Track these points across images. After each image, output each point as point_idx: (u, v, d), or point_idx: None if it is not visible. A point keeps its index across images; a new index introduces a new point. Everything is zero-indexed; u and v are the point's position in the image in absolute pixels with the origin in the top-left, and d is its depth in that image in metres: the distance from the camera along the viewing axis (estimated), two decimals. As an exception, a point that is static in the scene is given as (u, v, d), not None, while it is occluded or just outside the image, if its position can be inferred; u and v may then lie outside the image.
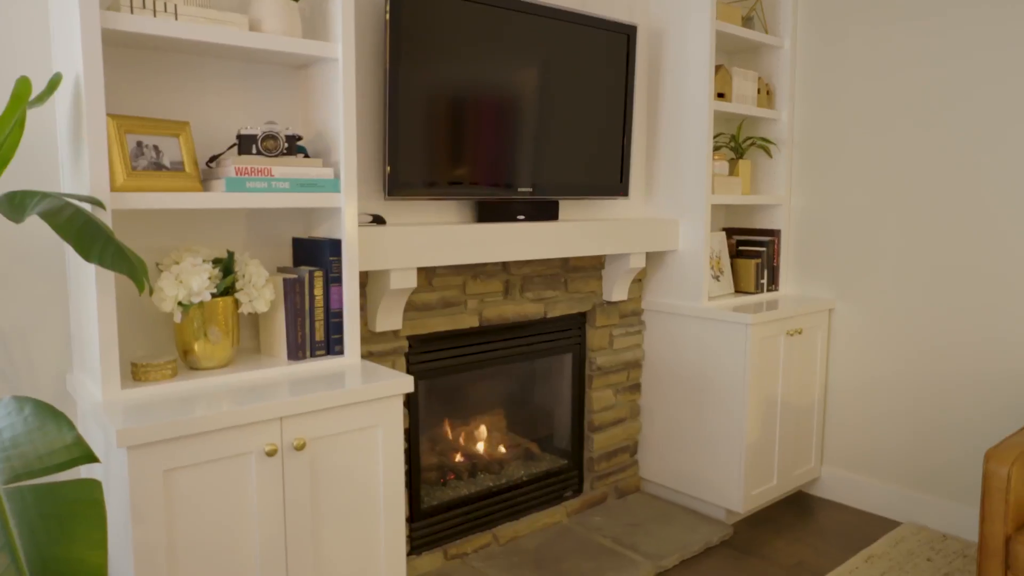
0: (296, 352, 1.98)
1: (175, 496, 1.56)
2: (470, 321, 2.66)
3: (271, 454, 1.67)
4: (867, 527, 3.07)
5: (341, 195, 2.00)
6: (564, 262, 2.93)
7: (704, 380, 3.03)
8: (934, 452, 3.03)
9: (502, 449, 3.03)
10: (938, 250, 2.96)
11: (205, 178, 1.94)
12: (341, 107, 1.98)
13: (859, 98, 3.14)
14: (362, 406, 1.83)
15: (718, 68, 3.10)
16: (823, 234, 3.30)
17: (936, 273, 2.97)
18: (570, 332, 3.03)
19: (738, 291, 3.33)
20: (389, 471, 1.90)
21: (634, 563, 2.70)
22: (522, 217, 2.68)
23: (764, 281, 3.31)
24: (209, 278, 1.80)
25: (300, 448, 1.71)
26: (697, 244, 3.02)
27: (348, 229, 2.01)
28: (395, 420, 1.90)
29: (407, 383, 1.89)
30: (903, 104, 3.02)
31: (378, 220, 2.36)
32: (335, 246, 2.02)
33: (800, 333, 3.12)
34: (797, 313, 3.07)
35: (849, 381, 3.26)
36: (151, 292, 1.50)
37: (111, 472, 1.60)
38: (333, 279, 2.03)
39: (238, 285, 1.89)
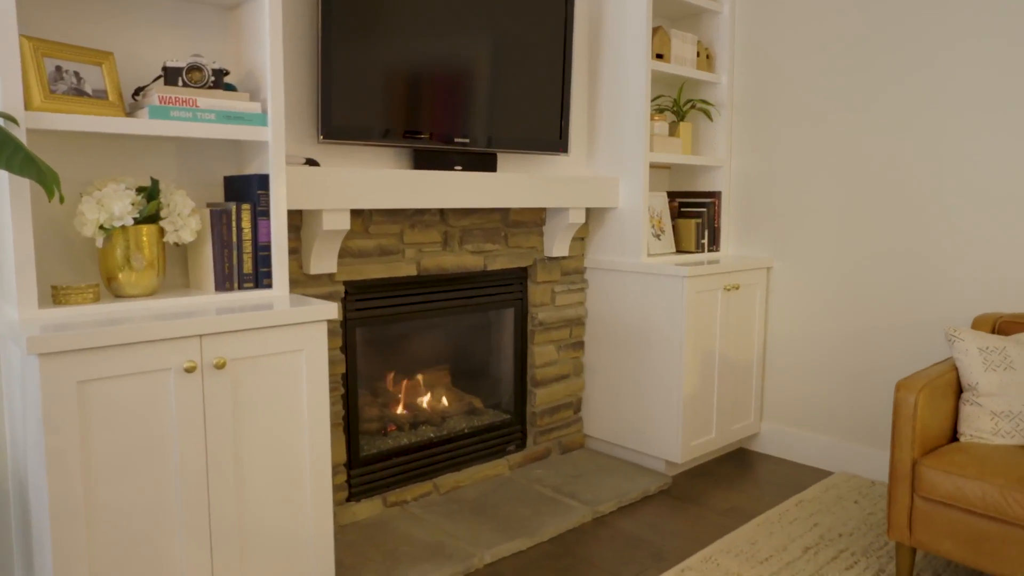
0: (224, 283, 2.01)
1: (90, 408, 1.58)
2: (408, 270, 2.70)
3: (190, 371, 1.69)
4: (802, 477, 3.16)
5: (268, 129, 2.02)
6: (504, 216, 2.97)
7: (644, 335, 3.10)
8: (865, 403, 3.13)
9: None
10: (867, 211, 3.05)
11: (130, 111, 1.96)
12: (268, 43, 2.01)
13: (797, 63, 3.23)
14: (285, 330, 1.86)
15: (657, 30, 3.17)
16: (762, 196, 3.38)
17: (866, 233, 3.06)
18: (512, 287, 3.08)
19: (679, 250, 3.40)
20: (314, 397, 1.93)
21: (572, 508, 2.76)
22: (459, 167, 2.72)
23: (705, 241, 3.38)
24: (132, 203, 1.82)
25: (220, 367, 1.73)
26: (636, 201, 3.09)
27: (275, 163, 2.03)
28: (319, 346, 1.93)
29: (330, 309, 1.93)
30: (839, 70, 3.10)
31: (312, 163, 2.38)
32: (263, 180, 2.05)
33: (737, 289, 3.19)
34: (734, 269, 3.15)
35: (787, 338, 3.35)
36: (61, 200, 1.51)
37: (27, 385, 1.61)
38: (261, 213, 2.06)
39: (163, 214, 1.91)
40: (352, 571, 2.29)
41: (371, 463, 2.70)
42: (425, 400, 3.02)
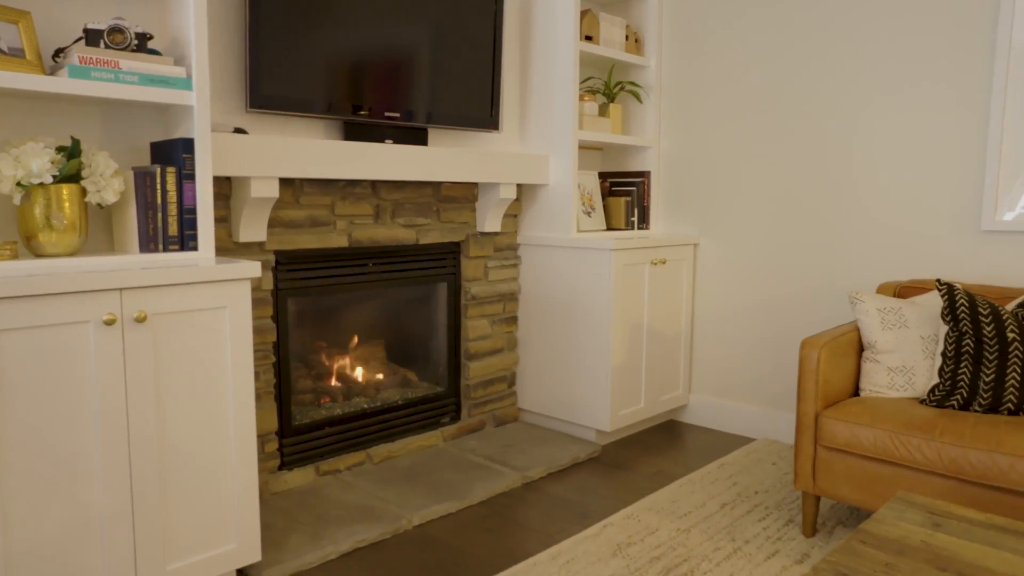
0: (148, 244, 2.02)
1: (4, 358, 1.59)
2: (339, 241, 2.74)
3: (109, 323, 1.71)
4: (727, 444, 3.29)
5: (193, 93, 2.05)
6: (436, 191, 3.04)
7: (575, 309, 3.19)
8: (785, 372, 3.28)
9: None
10: (786, 190, 3.20)
11: (50, 72, 1.96)
12: (192, 8, 2.03)
13: (721, 48, 3.36)
14: (208, 287, 1.89)
15: (586, 12, 3.27)
16: (689, 175, 3.51)
17: (785, 210, 3.21)
18: (444, 261, 3.14)
19: (610, 228, 3.50)
20: (238, 355, 1.96)
21: (502, 474, 2.83)
22: (390, 141, 2.77)
23: (635, 219, 3.49)
24: (51, 161, 1.82)
25: (141, 320, 1.76)
26: (566, 178, 3.18)
27: (200, 127, 2.06)
28: (243, 304, 1.96)
29: (253, 268, 1.96)
30: (761, 56, 3.25)
31: (240, 132, 2.41)
32: (188, 144, 2.07)
33: (664, 263, 3.31)
34: (660, 244, 3.27)
35: (713, 311, 3.49)
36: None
37: (-60, 337, 1.61)
38: (186, 176, 2.08)
39: (85, 174, 1.92)
40: (281, 534, 2.32)
41: (304, 432, 2.74)
42: (359, 372, 3.06)
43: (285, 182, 2.57)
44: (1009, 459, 1.89)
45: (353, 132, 2.68)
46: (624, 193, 3.52)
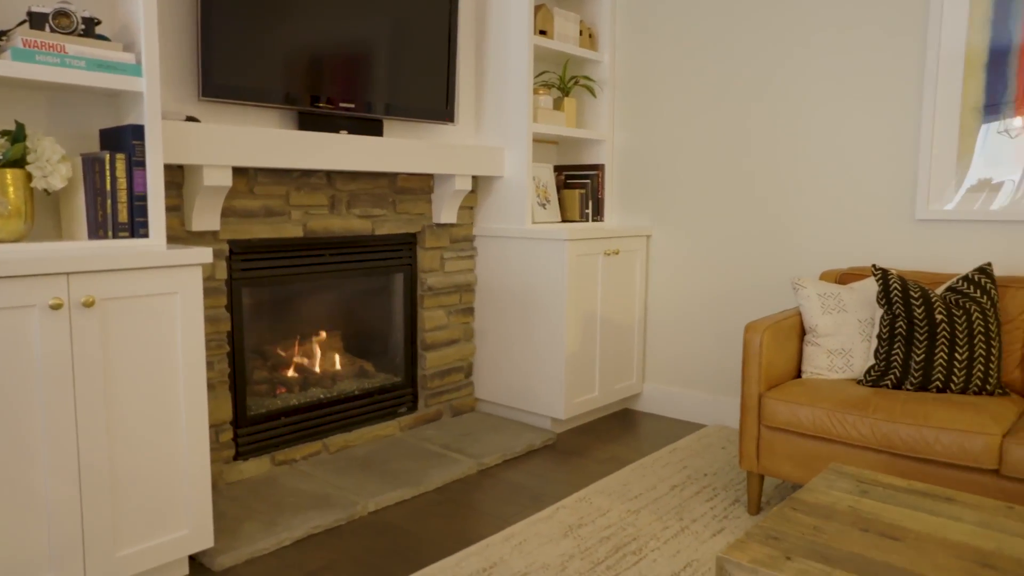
0: (97, 231, 2.01)
1: (-51, 342, 1.58)
2: (294, 231, 2.75)
3: (56, 308, 1.71)
4: (680, 431, 3.37)
5: (143, 80, 2.04)
6: (392, 182, 3.06)
7: (530, 299, 3.24)
8: (735, 359, 3.37)
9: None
10: (736, 183, 3.29)
11: (-4, 55, 1.94)
12: (141, -6, 2.03)
13: (673, 44, 3.44)
14: (157, 272, 1.89)
15: (540, 7, 3.32)
16: (642, 168, 3.59)
17: (734, 203, 3.30)
18: (400, 252, 3.16)
19: (565, 220, 3.56)
20: (189, 341, 1.97)
21: (458, 462, 2.87)
22: (344, 132, 2.78)
23: (589, 211, 3.56)
24: (-5, 146, 1.81)
25: (89, 305, 1.75)
26: (521, 171, 3.23)
27: (150, 113, 2.05)
28: (194, 290, 1.97)
29: (205, 254, 1.97)
30: (711, 52, 3.34)
31: (192, 121, 2.40)
32: (138, 131, 2.06)
33: (617, 254, 3.38)
34: (612, 235, 3.34)
35: (666, 301, 3.57)
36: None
37: None
38: (137, 163, 2.07)
39: (30, 159, 1.90)
40: (235, 522, 2.33)
41: (259, 422, 2.74)
42: (316, 362, 3.07)
43: (239, 171, 2.57)
44: (935, 432, 1.99)
45: (307, 122, 2.69)
46: (579, 186, 3.58)
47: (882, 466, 2.08)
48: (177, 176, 2.42)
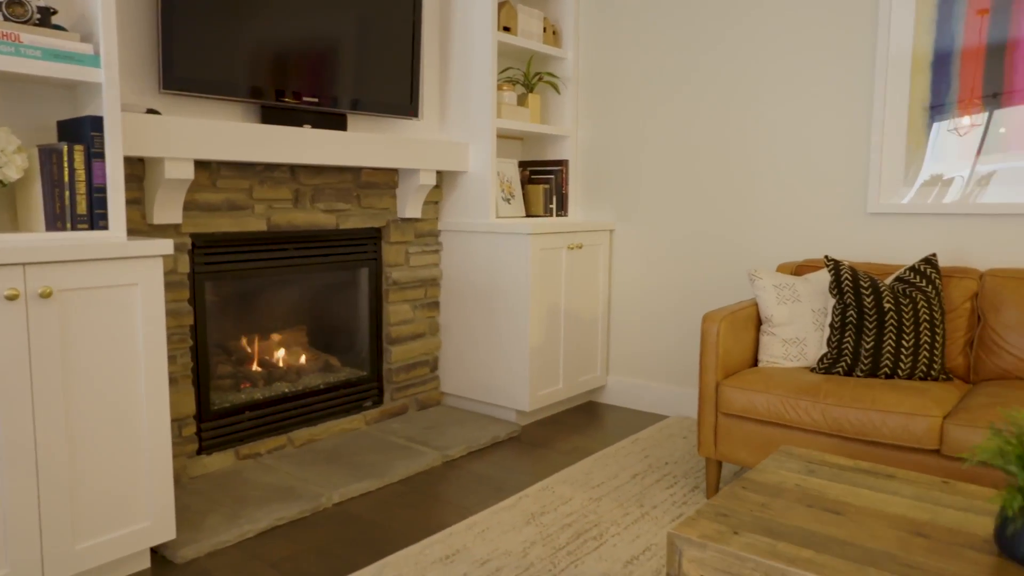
0: (55, 223, 2.00)
1: (-98, 332, 1.56)
2: (257, 225, 2.75)
3: (12, 298, 1.70)
4: (642, 422, 3.43)
5: (101, 71, 2.03)
6: (356, 177, 3.07)
7: (495, 292, 3.28)
8: (695, 350, 3.44)
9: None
10: (696, 178, 3.36)
11: (-50, 45, 1.92)
12: (100, -16, 2.02)
13: (635, 41, 3.50)
14: (117, 263, 1.89)
15: (504, 3, 3.35)
16: (605, 164, 3.64)
17: (695, 198, 3.37)
18: (365, 247, 3.17)
19: (529, 215, 3.60)
20: (150, 333, 1.97)
21: (422, 454, 2.89)
22: (308, 126, 2.79)
23: (553, 206, 3.60)
24: (-51, 136, 1.79)
25: (46, 296, 1.75)
26: (485, 165, 3.26)
27: (109, 104, 2.05)
28: (155, 282, 1.97)
29: (165, 245, 1.97)
30: (672, 49, 3.40)
31: (153, 113, 2.40)
32: (97, 122, 2.05)
33: (580, 248, 3.43)
34: (576, 229, 3.38)
35: (629, 294, 3.62)
36: None
37: None
38: (96, 155, 2.06)
39: (-15, 150, 1.89)
40: (199, 515, 2.33)
41: (223, 416, 2.73)
42: (280, 357, 3.07)
43: (201, 165, 2.57)
44: (882, 415, 2.06)
45: (270, 116, 2.69)
46: (543, 181, 3.62)
47: (833, 449, 2.15)
48: (138, 169, 2.41)
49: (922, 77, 2.74)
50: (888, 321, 2.33)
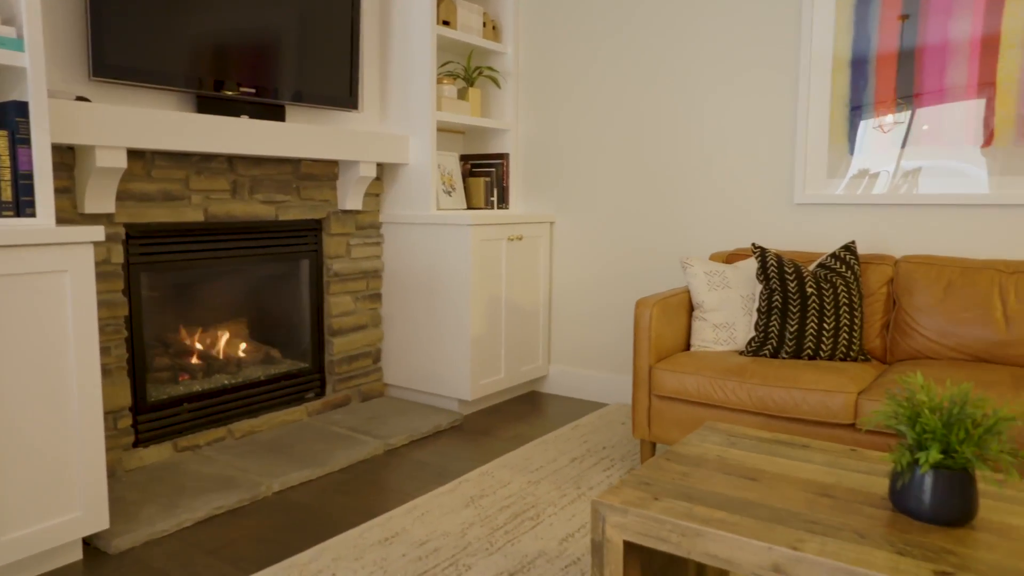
0: (-22, 210, 1.96)
1: None
2: (194, 216, 2.72)
3: (-66, 284, 1.66)
4: (583, 410, 3.51)
5: (25, 55, 2.00)
6: (296, 168, 3.06)
7: (436, 284, 3.31)
8: (632, 339, 3.53)
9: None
10: (632, 171, 3.45)
11: None
12: (25, -33, 1.98)
13: (574, 37, 3.57)
14: (45, 250, 1.86)
15: (443, -2, 3.39)
16: (545, 157, 3.71)
17: (631, 190, 3.46)
18: (306, 238, 3.17)
19: (470, 207, 3.64)
20: (81, 322, 1.94)
21: (365, 443, 2.91)
22: (245, 116, 2.78)
23: (494, 199, 3.65)
24: None
25: (-30, 283, 1.72)
26: (426, 158, 3.29)
27: (34, 90, 2.01)
28: (85, 269, 1.94)
29: (96, 232, 1.95)
30: (609, 44, 3.48)
31: (83, 101, 2.36)
32: (22, 108, 2.02)
33: (521, 240, 3.49)
34: (516, 221, 3.44)
35: (569, 285, 3.70)
36: None
37: None
38: (20, 141, 2.02)
39: (-96, 134, 1.84)
40: (134, 506, 2.30)
41: (160, 408, 2.70)
42: (219, 348, 3.04)
43: (135, 154, 2.54)
44: (803, 393, 2.17)
45: (207, 106, 2.67)
46: (484, 174, 3.66)
47: (758, 426, 2.25)
48: (68, 157, 2.37)
49: (842, 76, 2.87)
50: (811, 305, 2.44)
